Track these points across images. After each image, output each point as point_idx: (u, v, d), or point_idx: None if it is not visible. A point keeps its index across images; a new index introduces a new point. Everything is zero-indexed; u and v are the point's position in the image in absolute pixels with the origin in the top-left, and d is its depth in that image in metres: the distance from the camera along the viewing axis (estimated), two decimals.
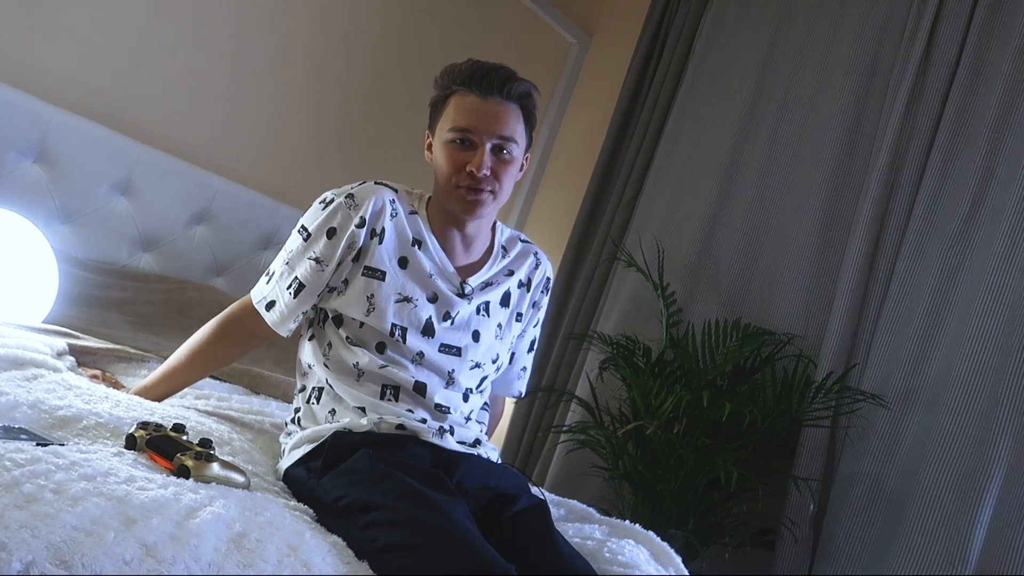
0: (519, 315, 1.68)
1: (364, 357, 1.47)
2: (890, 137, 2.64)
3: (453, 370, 1.53)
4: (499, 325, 1.62)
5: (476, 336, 1.57)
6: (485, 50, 3.52)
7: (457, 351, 1.54)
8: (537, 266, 1.70)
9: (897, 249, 2.61)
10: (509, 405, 3.30)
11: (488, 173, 1.49)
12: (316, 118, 3.00)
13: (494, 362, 1.63)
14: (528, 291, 1.69)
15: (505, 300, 1.63)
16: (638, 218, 3.23)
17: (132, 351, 1.93)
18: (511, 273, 1.65)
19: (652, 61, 3.45)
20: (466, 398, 1.56)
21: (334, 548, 1.14)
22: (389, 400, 1.46)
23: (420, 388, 1.48)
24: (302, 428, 1.50)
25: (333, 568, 1.09)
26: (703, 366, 2.64)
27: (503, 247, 1.66)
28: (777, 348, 2.64)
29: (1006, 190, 2.39)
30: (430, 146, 1.58)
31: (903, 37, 2.75)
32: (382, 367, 1.47)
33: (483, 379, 1.61)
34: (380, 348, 1.49)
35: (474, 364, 1.57)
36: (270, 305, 1.54)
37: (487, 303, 1.59)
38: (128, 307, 2.37)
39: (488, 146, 1.49)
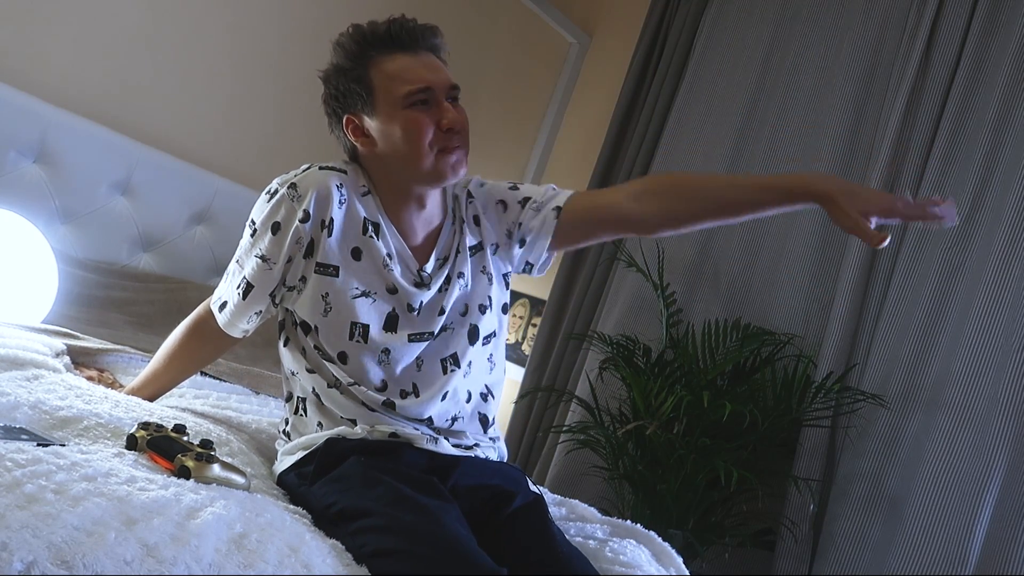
0: (474, 247, 1.52)
1: (333, 369, 1.40)
2: (890, 137, 2.64)
3: (422, 361, 1.43)
4: (460, 275, 1.48)
5: (443, 312, 1.46)
6: (485, 50, 3.53)
7: (430, 335, 1.44)
8: (456, 198, 1.54)
9: (897, 249, 2.61)
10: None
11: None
12: (316, 118, 2.98)
13: (483, 308, 1.50)
14: (475, 224, 1.53)
15: (457, 252, 1.50)
16: None
17: (132, 351, 1.93)
18: (460, 230, 1.51)
19: (652, 61, 3.45)
20: (445, 397, 1.43)
21: (334, 550, 1.14)
22: (373, 411, 1.40)
23: (389, 405, 1.40)
24: (291, 440, 1.46)
25: (333, 569, 1.09)
26: (703, 366, 2.64)
27: (450, 200, 1.53)
28: (777, 348, 2.65)
29: (1006, 190, 2.39)
30: (358, 130, 1.43)
31: (903, 37, 2.75)
32: (351, 384, 1.39)
33: (475, 335, 1.48)
34: (342, 358, 1.40)
35: (441, 327, 1.45)
36: (223, 306, 1.48)
37: (447, 277, 1.47)
38: (128, 307, 2.37)
39: (445, 98, 1.40)
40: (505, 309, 1.58)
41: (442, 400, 1.45)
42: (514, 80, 3.61)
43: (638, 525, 1.75)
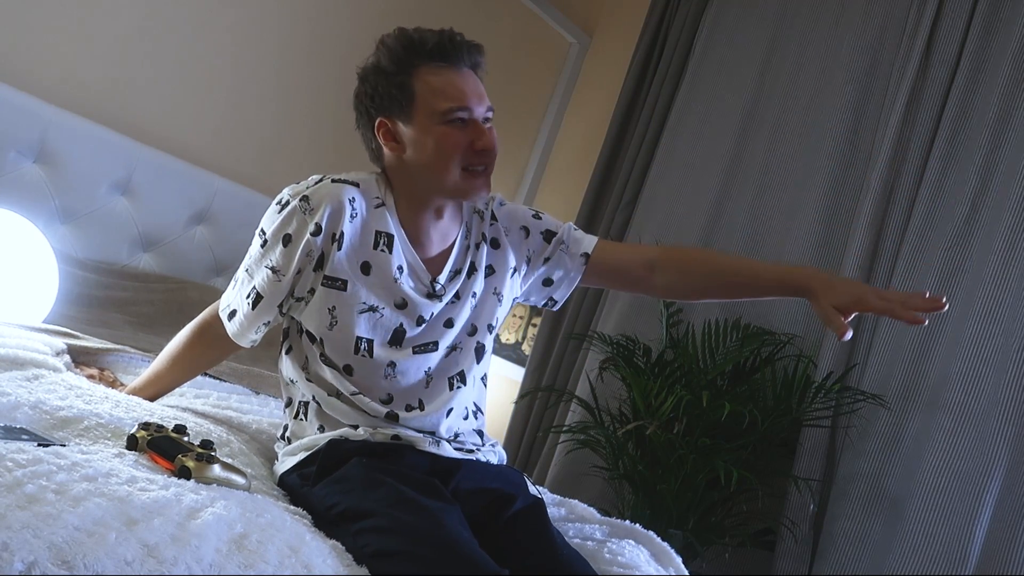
0: (488, 269, 1.52)
1: (336, 380, 1.41)
2: (890, 137, 2.64)
3: (430, 367, 1.44)
4: (473, 294, 1.49)
5: (450, 323, 1.47)
6: (485, 50, 3.52)
7: (434, 345, 1.45)
8: (479, 213, 1.55)
9: (897, 249, 2.62)
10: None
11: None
12: (317, 117, 3.00)
13: (490, 328, 1.52)
14: (494, 247, 1.54)
15: (471, 270, 1.51)
16: (638, 218, 3.23)
17: (132, 351, 1.93)
18: (475, 246, 1.52)
19: (652, 61, 3.45)
20: (448, 412, 1.44)
21: (334, 550, 1.14)
22: (375, 418, 1.41)
23: (392, 417, 1.41)
24: (292, 444, 1.46)
25: (333, 569, 1.09)
26: (703, 366, 2.64)
27: (467, 214, 1.54)
28: (777, 348, 2.65)
29: (1006, 190, 2.39)
30: (389, 134, 1.42)
31: (903, 37, 2.75)
32: (354, 394, 1.40)
33: (481, 352, 1.51)
34: (348, 370, 1.41)
35: (450, 347, 1.47)
36: (232, 314, 1.47)
37: (458, 291, 1.48)
38: (128, 307, 2.37)
39: (481, 120, 1.41)
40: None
41: (447, 416, 1.45)
42: (514, 80, 3.61)
43: (637, 525, 1.75)
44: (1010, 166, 2.40)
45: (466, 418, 1.50)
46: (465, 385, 1.48)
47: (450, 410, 1.45)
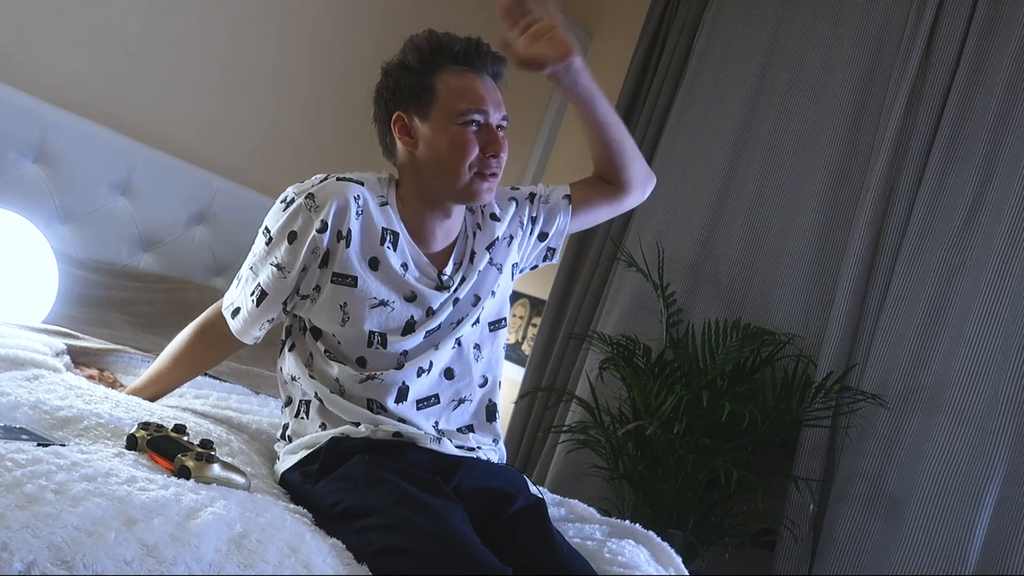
0: (490, 245, 1.56)
1: (343, 373, 1.42)
2: (890, 137, 2.64)
3: (438, 344, 1.47)
4: (478, 272, 1.53)
5: (455, 302, 1.50)
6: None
7: (439, 326, 1.48)
8: (472, 210, 1.59)
9: (897, 249, 2.61)
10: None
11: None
12: (316, 118, 3.00)
13: (493, 293, 1.55)
14: (498, 220, 1.58)
15: (472, 255, 1.54)
16: (638, 218, 3.23)
17: (132, 351, 1.93)
18: (472, 235, 1.56)
19: (652, 61, 3.45)
20: (449, 375, 1.49)
21: (334, 550, 1.14)
22: (378, 412, 1.42)
23: (402, 393, 1.43)
24: (293, 443, 1.47)
25: (333, 569, 1.09)
26: (703, 366, 2.64)
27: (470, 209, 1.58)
28: (777, 348, 2.65)
29: (1006, 190, 2.39)
30: (405, 128, 1.45)
31: (903, 37, 2.75)
32: (362, 382, 1.42)
33: (480, 315, 1.53)
34: (361, 362, 1.43)
35: (454, 321, 1.50)
36: (236, 312, 1.49)
37: (463, 277, 1.52)
38: (128, 307, 2.37)
39: (495, 126, 1.46)
40: (512, 300, 1.64)
41: (448, 379, 1.49)
42: (514, 80, 3.60)
43: (637, 525, 1.75)
44: (1010, 166, 2.40)
45: (483, 385, 1.54)
46: (460, 346, 1.51)
47: (450, 371, 1.49)
